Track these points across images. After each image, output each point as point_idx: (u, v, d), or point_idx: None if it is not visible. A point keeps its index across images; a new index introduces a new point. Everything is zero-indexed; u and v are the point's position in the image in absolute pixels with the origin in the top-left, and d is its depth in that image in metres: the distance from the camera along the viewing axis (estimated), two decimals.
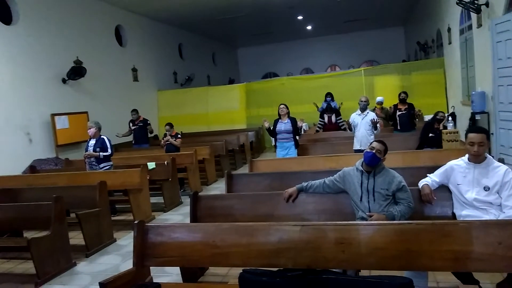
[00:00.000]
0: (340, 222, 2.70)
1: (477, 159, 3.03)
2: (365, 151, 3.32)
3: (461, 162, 3.15)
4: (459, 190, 3.10)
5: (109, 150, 6.05)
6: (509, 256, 2.34)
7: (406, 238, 2.49)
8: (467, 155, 3.11)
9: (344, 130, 7.81)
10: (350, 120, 6.44)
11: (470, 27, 7.78)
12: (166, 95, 13.09)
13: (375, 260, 2.53)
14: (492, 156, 3.16)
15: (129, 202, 5.67)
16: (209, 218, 3.71)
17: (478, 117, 6.74)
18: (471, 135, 3.02)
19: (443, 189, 3.27)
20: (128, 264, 4.12)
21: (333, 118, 8.13)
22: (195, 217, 3.77)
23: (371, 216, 3.13)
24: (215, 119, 12.83)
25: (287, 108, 6.48)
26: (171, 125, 7.86)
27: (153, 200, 6.34)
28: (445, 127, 6.50)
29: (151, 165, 6.44)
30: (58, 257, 4.23)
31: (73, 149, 8.59)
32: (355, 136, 6.31)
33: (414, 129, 7.51)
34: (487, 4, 6.36)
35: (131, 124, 9.13)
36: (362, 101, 6.29)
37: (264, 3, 12.51)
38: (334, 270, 2.53)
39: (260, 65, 20.42)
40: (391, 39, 18.57)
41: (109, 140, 6.11)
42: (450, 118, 6.84)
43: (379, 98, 8.73)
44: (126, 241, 5.14)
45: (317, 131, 8.33)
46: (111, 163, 6.21)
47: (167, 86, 13.50)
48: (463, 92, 8.76)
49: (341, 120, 8.08)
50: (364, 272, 3.06)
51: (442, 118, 6.41)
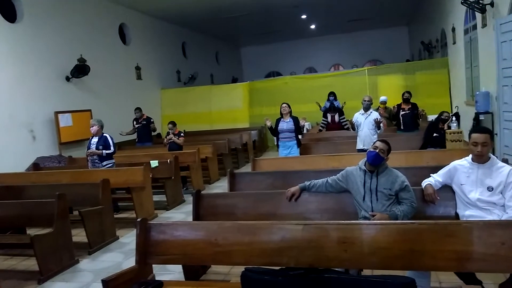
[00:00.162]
0: (342, 222, 2.69)
1: (480, 159, 3.01)
2: (368, 150, 3.31)
3: (464, 162, 3.14)
4: (463, 190, 3.09)
5: (111, 148, 6.06)
6: None
7: (408, 238, 2.48)
8: (470, 155, 3.10)
9: (347, 129, 7.81)
10: (353, 120, 6.44)
11: (474, 27, 7.75)
12: (169, 94, 13.10)
13: (377, 259, 2.52)
14: (496, 157, 3.14)
15: (131, 200, 5.69)
16: (211, 216, 3.71)
17: (482, 117, 6.72)
18: (474, 135, 3.01)
19: (446, 189, 3.26)
20: (130, 262, 4.12)
21: (336, 118, 8.11)
22: (197, 215, 3.78)
23: (373, 216, 3.12)
24: (218, 118, 12.84)
25: (289, 107, 6.49)
26: (174, 123, 7.87)
27: (155, 198, 6.35)
28: (449, 127, 6.48)
29: (154, 163, 6.45)
30: (61, 254, 4.25)
31: (76, 146, 8.62)
32: (358, 135, 6.30)
33: (418, 129, 7.50)
34: (492, 4, 6.33)
35: (134, 123, 9.15)
36: (365, 100, 6.28)
37: (268, 2, 12.50)
38: (336, 269, 2.53)
39: (263, 64, 20.40)
40: (395, 38, 18.51)
41: (111, 138, 6.11)
42: (454, 118, 6.82)
43: (382, 98, 8.72)
44: (128, 239, 5.15)
45: (320, 130, 8.32)
46: (113, 161, 6.22)
47: (171, 85, 13.51)
48: (467, 92, 8.73)
49: (344, 120, 8.07)
50: (366, 272, 3.05)
51: (447, 118, 6.40)
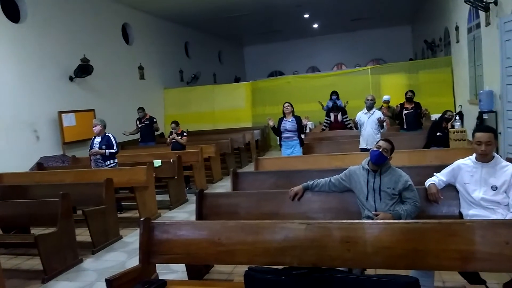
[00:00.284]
0: (346, 221, 2.69)
1: (484, 158, 3.00)
2: (371, 149, 3.30)
3: (468, 161, 3.13)
4: (466, 189, 3.08)
5: (114, 148, 6.08)
6: None
7: (412, 237, 2.48)
8: (474, 154, 3.09)
9: (350, 128, 7.79)
10: (356, 119, 6.43)
11: (478, 26, 7.72)
12: (172, 93, 13.12)
13: (381, 259, 2.52)
14: (500, 156, 3.13)
15: (135, 199, 5.70)
16: (214, 216, 3.71)
17: (485, 116, 6.69)
18: (478, 134, 3.00)
19: (450, 188, 3.25)
20: (134, 261, 4.14)
21: (339, 117, 8.10)
22: (200, 214, 3.78)
23: (377, 215, 3.12)
24: (221, 117, 12.85)
25: (292, 106, 6.48)
26: (177, 123, 7.88)
27: (158, 197, 6.36)
28: (452, 126, 6.45)
29: (157, 163, 6.46)
30: (65, 253, 4.26)
31: (79, 146, 8.64)
32: (361, 134, 6.29)
33: (421, 128, 7.47)
34: (495, 3, 6.30)
35: (138, 122, 9.17)
36: (368, 99, 6.27)
37: (270, 1, 12.49)
38: (339, 268, 2.53)
39: (266, 63, 20.39)
40: (398, 37, 18.44)
41: (114, 138, 6.13)
42: (458, 117, 6.78)
43: (385, 97, 8.70)
44: (132, 238, 5.17)
45: (323, 130, 8.31)
46: (116, 160, 6.24)
47: (173, 84, 13.53)
48: (471, 91, 8.70)
49: (347, 119, 8.06)
50: (369, 271, 3.05)
51: (450, 117, 6.37)
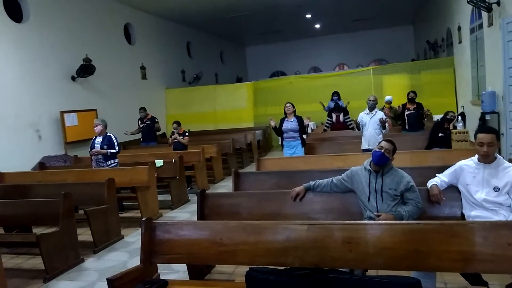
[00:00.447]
0: (347, 222, 2.68)
1: (486, 159, 2.99)
2: (373, 150, 3.30)
3: (470, 162, 3.12)
4: (469, 190, 3.07)
5: (116, 147, 6.09)
6: None
7: (414, 238, 2.47)
8: (476, 155, 3.07)
9: (352, 129, 7.78)
10: (358, 119, 6.42)
11: (480, 26, 7.70)
12: (174, 93, 13.13)
13: (382, 260, 2.51)
14: (502, 157, 3.12)
15: (136, 199, 5.71)
16: (216, 216, 3.71)
17: (488, 117, 6.67)
18: (480, 135, 2.99)
19: (452, 189, 3.24)
20: (135, 261, 4.15)
21: (341, 117, 8.09)
22: (202, 215, 3.78)
23: (379, 216, 3.11)
24: (222, 118, 12.85)
25: (293, 106, 6.48)
26: (178, 123, 7.89)
27: (160, 197, 6.36)
28: (454, 127, 6.45)
29: (159, 163, 6.47)
30: (67, 253, 4.27)
31: (81, 146, 8.65)
32: (363, 135, 6.28)
33: (423, 128, 7.46)
34: (498, 3, 6.29)
35: (139, 122, 9.19)
36: (370, 100, 6.26)
37: (272, 2, 12.48)
38: (341, 269, 2.52)
39: (268, 63, 20.38)
40: (400, 38, 18.40)
41: (115, 138, 6.15)
42: (460, 118, 6.78)
43: (387, 97, 8.68)
44: (133, 238, 5.17)
45: (324, 130, 8.30)
46: (117, 160, 6.25)
47: (175, 84, 13.54)
48: (473, 91, 8.68)
49: (349, 119, 8.04)
50: (371, 272, 3.04)
51: (452, 118, 6.37)
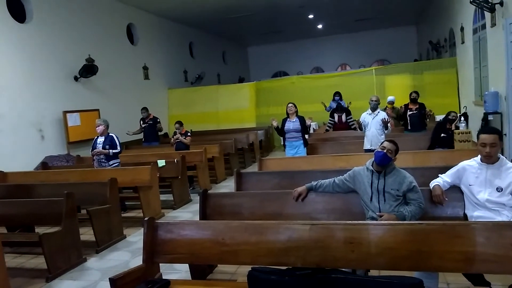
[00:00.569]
0: (350, 222, 2.68)
1: (489, 160, 2.98)
2: (376, 150, 3.29)
3: (473, 163, 3.11)
4: (471, 190, 3.06)
5: (118, 148, 6.11)
6: None
7: (416, 239, 2.47)
8: (479, 156, 3.07)
9: (354, 129, 7.77)
10: (360, 120, 6.42)
11: (483, 26, 7.68)
12: (176, 94, 13.14)
13: (385, 260, 2.51)
14: (505, 157, 3.11)
15: (139, 199, 5.71)
16: (218, 216, 3.71)
17: (491, 117, 6.65)
18: (483, 136, 2.98)
19: (455, 189, 3.24)
20: (137, 261, 4.15)
21: (343, 118, 8.08)
22: (204, 214, 3.78)
23: (381, 216, 3.11)
24: (224, 118, 12.86)
25: (295, 107, 6.48)
26: (181, 123, 7.90)
27: (162, 197, 6.37)
28: (457, 127, 6.43)
29: (161, 162, 6.48)
30: (69, 252, 4.28)
31: (84, 146, 8.67)
32: (366, 135, 6.27)
33: (425, 129, 7.45)
34: (501, 3, 6.27)
35: (141, 122, 9.21)
36: (372, 100, 6.25)
37: (274, 2, 12.48)
38: (343, 269, 2.52)
39: (270, 64, 20.39)
40: (403, 38, 18.38)
41: (117, 138, 6.17)
42: (462, 118, 6.76)
43: (390, 98, 8.67)
44: (135, 237, 5.18)
45: (327, 130, 8.29)
46: (119, 160, 6.26)
47: (178, 85, 13.55)
48: (476, 92, 8.66)
49: (351, 120, 8.04)
50: (373, 272, 3.04)
51: (454, 118, 6.36)
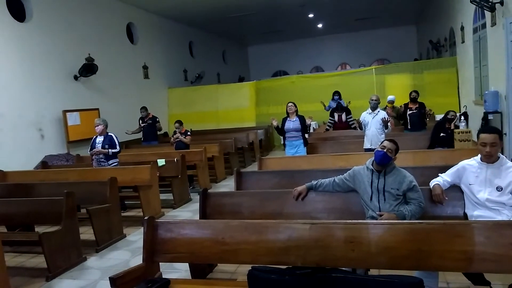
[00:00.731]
0: (350, 221, 2.68)
1: (489, 159, 2.98)
2: (376, 150, 3.29)
3: (473, 162, 3.11)
4: (471, 190, 3.06)
5: (117, 147, 6.12)
6: None
7: (416, 238, 2.47)
8: (479, 155, 3.07)
9: (354, 128, 7.77)
10: (360, 119, 6.42)
11: (484, 26, 7.68)
12: (176, 93, 13.14)
13: (385, 259, 2.51)
14: (505, 156, 3.11)
15: (139, 198, 5.72)
16: (218, 215, 3.71)
17: (491, 116, 6.65)
18: (483, 135, 2.98)
19: (455, 189, 3.24)
20: (137, 260, 4.14)
21: (343, 117, 8.07)
22: (204, 214, 3.78)
23: (381, 216, 3.11)
24: (224, 117, 12.86)
25: (295, 106, 6.48)
26: (180, 122, 7.91)
27: (162, 196, 6.36)
28: (457, 127, 6.43)
29: (161, 162, 6.48)
30: (69, 251, 4.28)
31: (84, 145, 8.66)
32: (366, 135, 6.27)
33: (425, 128, 7.45)
34: (501, 3, 6.27)
35: (140, 122, 9.21)
36: (372, 99, 6.25)
37: (274, 1, 12.48)
38: (343, 268, 2.52)
39: (270, 63, 20.38)
40: (403, 37, 18.37)
41: (116, 137, 6.18)
42: (463, 118, 6.76)
43: (390, 97, 8.67)
44: (135, 237, 5.18)
45: (327, 130, 8.29)
46: (117, 160, 6.27)
47: (177, 84, 13.55)
48: (476, 91, 8.65)
49: (351, 119, 8.03)
50: (373, 271, 3.04)
51: (453, 117, 6.35)
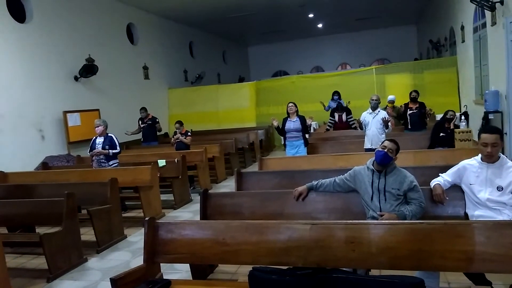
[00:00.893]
0: (350, 221, 2.68)
1: (490, 159, 2.98)
2: (376, 150, 3.29)
3: (474, 162, 3.10)
4: (472, 190, 3.06)
5: (118, 148, 6.12)
6: None
7: (417, 238, 2.47)
8: (480, 155, 3.06)
9: (355, 128, 7.76)
10: (361, 119, 6.41)
11: (484, 25, 7.67)
12: (176, 93, 13.15)
13: (386, 259, 2.51)
14: (506, 156, 3.10)
15: (139, 199, 5.71)
16: (218, 215, 3.71)
17: (491, 116, 6.64)
18: (484, 135, 2.97)
19: (456, 189, 3.23)
20: (138, 261, 4.14)
21: (343, 117, 8.07)
22: (204, 214, 3.78)
23: (382, 216, 3.10)
24: (225, 117, 12.87)
25: (296, 106, 6.48)
26: (181, 123, 7.90)
27: (163, 197, 6.37)
28: (457, 126, 6.42)
29: (162, 162, 6.47)
30: (70, 252, 4.28)
31: (84, 146, 8.65)
32: (366, 135, 6.27)
33: (425, 128, 7.44)
34: (501, 2, 6.26)
35: (140, 122, 9.22)
36: (373, 99, 6.25)
37: (275, 1, 12.47)
38: (344, 269, 2.52)
39: (270, 63, 20.37)
40: (403, 37, 18.36)
41: (116, 138, 6.18)
42: (463, 117, 6.74)
43: (390, 97, 8.65)
44: (136, 237, 5.18)
45: (327, 130, 8.28)
46: (117, 160, 6.28)
47: (178, 84, 13.56)
48: (476, 91, 8.65)
49: (351, 119, 8.03)
50: (374, 272, 3.04)
51: (451, 117, 6.34)
